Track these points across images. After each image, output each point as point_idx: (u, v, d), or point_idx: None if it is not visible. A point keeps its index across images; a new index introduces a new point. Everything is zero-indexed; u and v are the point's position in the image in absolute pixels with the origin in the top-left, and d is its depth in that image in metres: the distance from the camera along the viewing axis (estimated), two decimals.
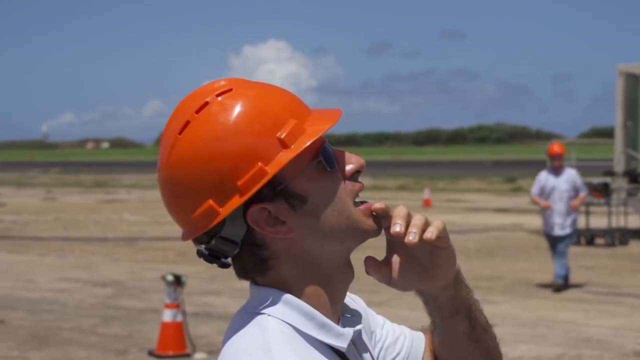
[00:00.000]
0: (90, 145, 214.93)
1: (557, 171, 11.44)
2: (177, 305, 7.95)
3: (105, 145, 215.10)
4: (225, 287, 11.08)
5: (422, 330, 1.56)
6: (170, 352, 7.82)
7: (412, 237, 1.28)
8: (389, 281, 1.35)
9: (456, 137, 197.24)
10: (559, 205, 11.25)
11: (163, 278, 8.07)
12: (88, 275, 12.96)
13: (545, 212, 11.47)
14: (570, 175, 11.43)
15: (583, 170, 24.59)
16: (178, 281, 7.97)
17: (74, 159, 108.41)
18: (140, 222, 22.11)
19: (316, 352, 1.26)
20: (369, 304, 1.52)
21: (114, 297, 11.08)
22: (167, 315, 7.92)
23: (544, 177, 11.48)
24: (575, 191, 11.38)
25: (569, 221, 11.29)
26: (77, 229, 20.55)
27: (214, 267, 1.36)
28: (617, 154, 18.17)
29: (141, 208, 26.66)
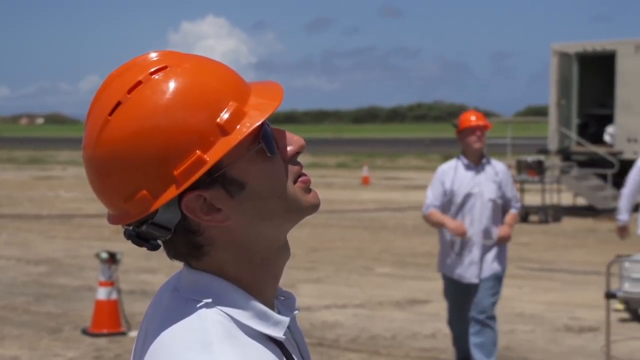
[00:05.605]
0: (24, 121, 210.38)
1: (476, 164, 6.18)
2: (111, 283, 7.85)
3: (40, 120, 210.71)
4: (162, 264, 10.98)
5: None
6: (105, 330, 7.73)
7: None
8: None
9: (395, 115, 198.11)
10: (477, 226, 6.08)
11: (97, 255, 7.95)
12: (22, 252, 12.72)
13: (448, 236, 6.16)
14: (497, 171, 6.21)
15: (517, 149, 25.05)
16: (113, 258, 7.87)
17: (7, 135, 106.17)
18: (76, 199, 21.77)
19: (255, 343, 1.19)
20: (306, 280, 1.50)
21: (48, 274, 10.89)
22: (102, 293, 7.82)
23: (450, 175, 6.18)
24: (504, 202, 6.21)
25: (494, 253, 6.12)
26: (11, 205, 20.14)
27: None
28: (551, 132, 18.49)
29: (77, 185, 26.23)
